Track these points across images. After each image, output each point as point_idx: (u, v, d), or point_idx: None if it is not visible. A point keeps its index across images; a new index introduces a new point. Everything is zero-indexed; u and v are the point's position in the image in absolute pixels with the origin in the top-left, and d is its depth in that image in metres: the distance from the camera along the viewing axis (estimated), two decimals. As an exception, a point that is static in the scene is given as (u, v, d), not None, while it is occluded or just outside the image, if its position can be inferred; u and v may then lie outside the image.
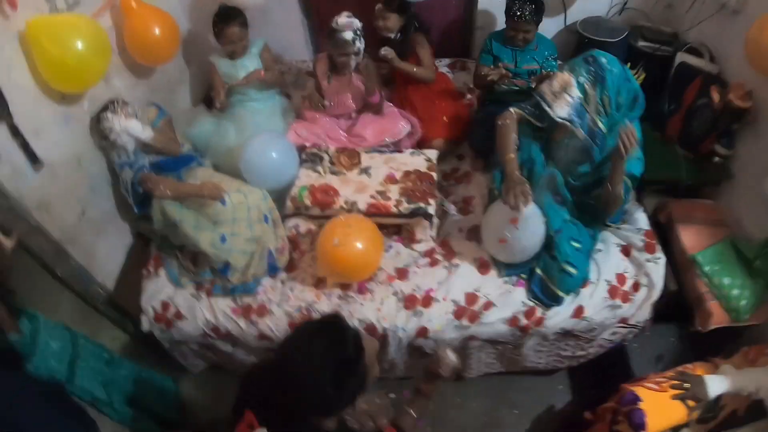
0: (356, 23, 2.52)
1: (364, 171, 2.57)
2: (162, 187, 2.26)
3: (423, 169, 2.55)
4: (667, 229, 2.54)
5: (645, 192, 2.62)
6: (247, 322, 2.32)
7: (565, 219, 2.21)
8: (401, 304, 2.28)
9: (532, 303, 2.26)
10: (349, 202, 2.43)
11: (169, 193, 2.27)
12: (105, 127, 2.24)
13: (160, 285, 2.43)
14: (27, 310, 1.95)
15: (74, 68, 2.03)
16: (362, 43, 2.58)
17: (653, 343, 2.42)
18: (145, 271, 2.47)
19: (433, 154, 2.64)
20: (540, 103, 2.11)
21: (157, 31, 2.44)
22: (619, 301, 2.26)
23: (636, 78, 2.68)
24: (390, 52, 2.64)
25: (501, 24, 2.76)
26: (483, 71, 2.66)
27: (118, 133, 2.23)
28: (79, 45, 2.00)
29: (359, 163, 2.58)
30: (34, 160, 1.98)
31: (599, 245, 2.38)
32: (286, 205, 2.49)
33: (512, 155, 2.14)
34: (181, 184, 2.35)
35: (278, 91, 2.96)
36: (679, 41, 2.73)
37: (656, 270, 2.29)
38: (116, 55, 2.43)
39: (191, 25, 3.03)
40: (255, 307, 2.33)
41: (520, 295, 2.28)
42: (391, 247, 2.46)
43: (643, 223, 2.45)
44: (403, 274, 2.36)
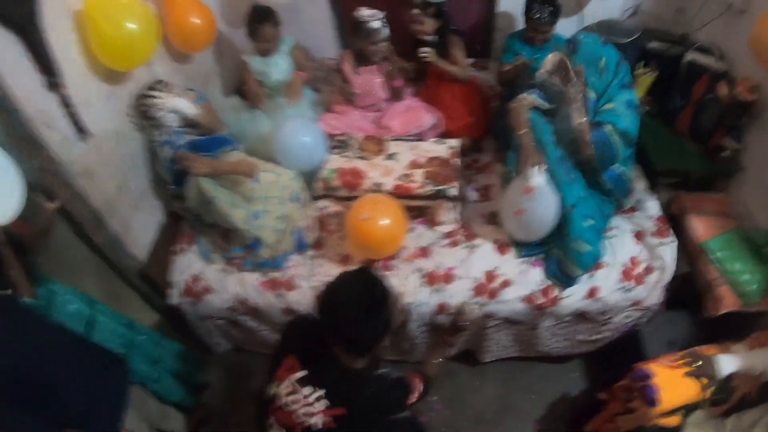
0: (379, 13, 2.68)
1: (390, 157, 2.70)
2: (199, 165, 2.36)
3: (446, 156, 2.68)
4: (679, 220, 2.62)
5: (658, 185, 2.72)
6: (275, 295, 2.43)
7: (580, 195, 2.32)
8: (423, 281, 2.38)
9: (548, 282, 2.36)
10: (376, 184, 2.55)
11: (206, 170, 2.37)
12: (152, 104, 2.34)
13: (191, 260, 2.54)
14: (48, 279, 2.01)
15: (125, 47, 2.14)
16: (388, 29, 2.73)
17: (665, 329, 2.49)
18: (176, 248, 2.59)
19: (455, 143, 2.77)
20: (543, 84, 2.35)
21: (196, 20, 2.60)
22: (632, 284, 2.36)
23: (648, 76, 2.85)
24: (431, 52, 2.76)
25: (519, 26, 2.93)
26: (505, 68, 2.82)
27: (165, 111, 2.35)
28: (131, 25, 2.12)
29: (385, 150, 2.71)
30: (81, 130, 2.09)
31: (614, 231, 2.48)
32: (316, 186, 2.62)
33: (526, 130, 2.30)
34: (218, 162, 2.46)
35: (309, 86, 3.11)
36: (689, 41, 2.86)
37: (668, 253, 2.39)
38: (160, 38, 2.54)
39: (225, 20, 3.17)
40: (283, 281, 2.44)
41: (537, 275, 2.38)
42: (415, 229, 2.57)
43: (655, 210, 2.56)
44: (425, 252, 2.47)
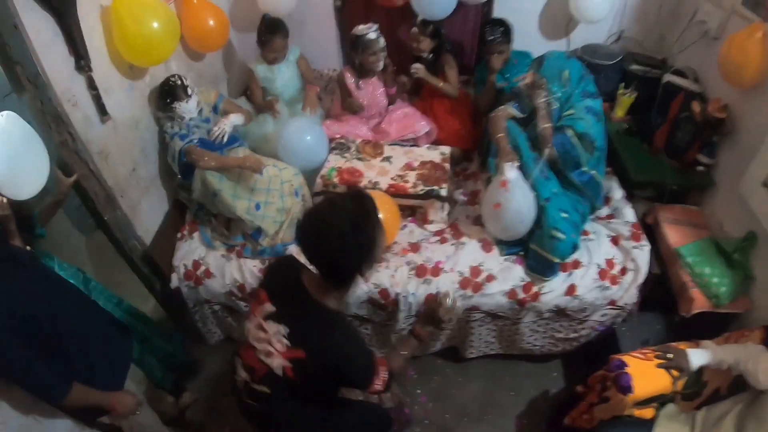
0: (373, 25, 2.91)
1: (386, 159, 2.89)
2: (207, 159, 2.53)
3: (438, 161, 2.87)
4: (654, 229, 2.80)
5: (635, 197, 2.91)
6: (272, 282, 2.56)
7: (553, 191, 2.52)
8: (413, 273, 2.53)
9: (529, 278, 2.51)
10: (372, 182, 2.73)
11: (213, 164, 2.54)
12: (180, 94, 2.52)
13: (193, 246, 2.69)
14: (46, 252, 2.14)
15: (147, 44, 2.29)
16: (383, 39, 2.95)
17: (640, 329, 2.61)
18: (179, 234, 2.73)
19: (446, 150, 2.96)
20: (518, 96, 2.69)
21: (211, 22, 2.81)
22: (608, 283, 2.51)
23: (628, 97, 3.07)
24: (420, 68, 3.00)
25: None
26: (480, 98, 3.17)
27: (187, 107, 2.55)
28: (154, 25, 2.26)
29: (382, 153, 2.90)
30: (103, 112, 2.25)
31: (591, 235, 2.65)
32: (316, 183, 2.79)
33: (503, 134, 2.57)
34: (225, 158, 2.63)
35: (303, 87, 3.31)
36: (668, 65, 3.09)
37: (641, 256, 2.55)
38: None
39: (234, 27, 3.36)
40: (281, 268, 2.58)
41: (519, 272, 2.54)
42: (406, 226, 2.74)
43: (630, 217, 2.74)
44: (415, 248, 2.62)
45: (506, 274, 2.53)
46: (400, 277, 2.52)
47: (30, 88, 1.85)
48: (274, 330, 1.53)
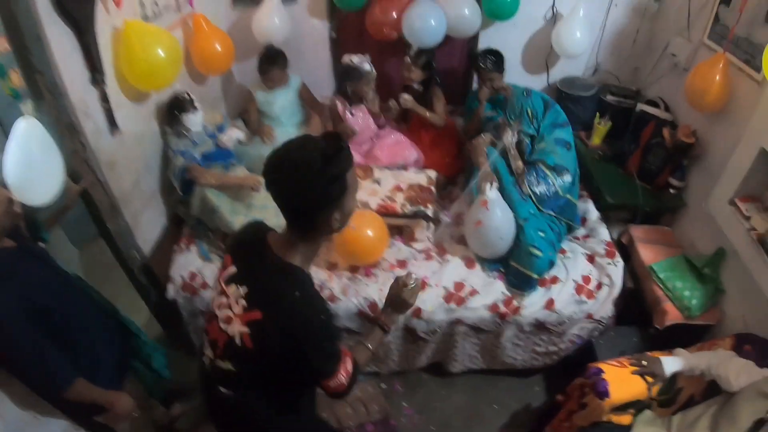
0: (366, 57, 3.13)
1: (376, 181, 3.04)
2: (207, 177, 2.68)
3: (424, 184, 3.03)
4: (629, 249, 2.96)
5: (610, 219, 3.07)
6: (265, 293, 2.68)
7: (531, 212, 2.72)
8: (398, 283, 2.65)
9: (510, 293, 2.65)
10: (362, 202, 2.87)
11: (214, 182, 2.69)
12: (187, 107, 2.67)
13: (190, 259, 2.80)
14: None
15: (151, 71, 2.41)
16: (374, 70, 3.17)
17: (617, 342, 2.73)
18: (176, 247, 2.85)
19: (433, 174, 3.13)
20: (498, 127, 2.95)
21: (218, 47, 3.00)
22: (584, 297, 2.65)
23: (604, 126, 3.27)
24: (409, 99, 3.19)
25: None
26: (468, 125, 3.38)
27: (194, 119, 2.71)
28: (160, 52, 2.39)
29: (372, 175, 3.06)
30: (113, 125, 2.38)
31: (568, 253, 2.81)
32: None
33: (483, 158, 2.80)
34: (225, 175, 2.78)
35: (304, 119, 3.50)
36: (641, 96, 3.30)
37: (616, 271, 2.71)
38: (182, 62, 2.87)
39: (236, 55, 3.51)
40: (273, 280, 2.70)
41: (501, 287, 2.68)
42: (394, 245, 2.87)
43: (605, 236, 2.91)
44: (402, 264, 2.76)
45: (488, 289, 2.67)
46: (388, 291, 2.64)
47: (48, 97, 1.96)
48: (233, 292, 1.41)
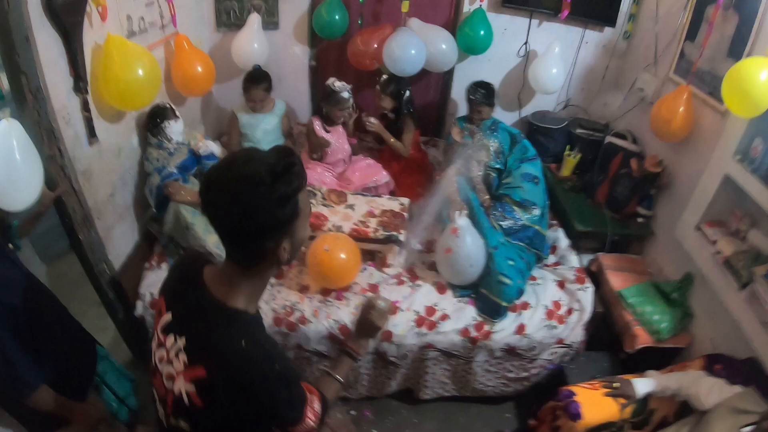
0: (348, 85, 3.21)
1: (350, 206, 3.07)
2: (183, 193, 2.69)
3: (397, 210, 3.06)
4: (598, 276, 3.00)
5: (580, 248, 3.12)
6: (235, 315, 2.65)
7: (501, 241, 2.77)
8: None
9: (480, 318, 2.66)
10: (336, 226, 2.89)
11: (189, 199, 2.69)
12: (169, 115, 2.71)
13: (161, 276, 2.73)
14: None
15: (129, 91, 2.38)
16: (352, 98, 3.27)
17: (588, 367, 2.73)
18: (147, 264, 2.82)
19: (405, 201, 3.17)
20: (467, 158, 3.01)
21: (199, 68, 3.04)
22: (555, 323, 2.68)
23: (573, 158, 3.36)
24: (375, 123, 3.28)
25: (465, 111, 3.44)
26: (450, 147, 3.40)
27: (176, 127, 2.75)
28: (139, 73, 2.39)
29: (346, 201, 3.09)
30: (92, 134, 2.37)
31: (539, 280, 2.85)
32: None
33: (454, 188, 2.87)
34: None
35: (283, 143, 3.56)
36: (610, 129, 3.41)
37: (586, 296, 2.75)
38: (162, 82, 2.90)
39: (217, 77, 3.53)
40: (243, 302, 2.68)
41: (472, 312, 2.69)
42: (366, 269, 2.88)
43: (575, 263, 2.96)
44: (374, 288, 2.76)
45: (459, 314, 2.68)
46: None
47: (30, 100, 1.94)
48: (172, 344, 1.19)
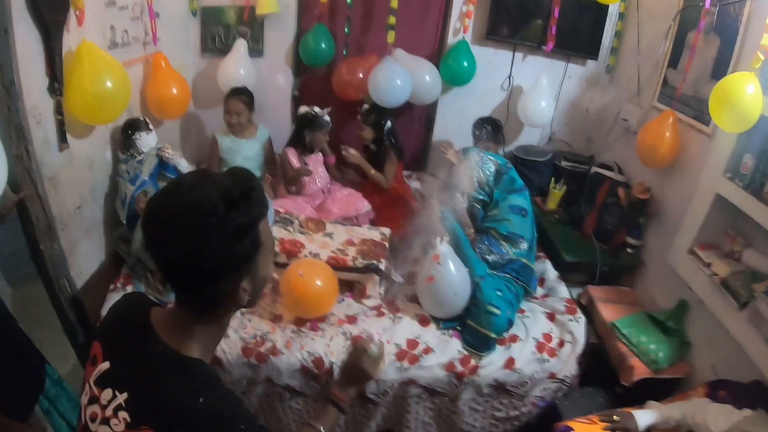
0: (326, 110, 3.19)
1: (328, 235, 2.93)
2: None
3: (377, 239, 2.93)
4: (589, 309, 2.85)
5: (569, 281, 2.99)
6: (202, 343, 2.46)
7: (487, 271, 2.63)
8: (348, 343, 2.46)
9: (467, 351, 2.48)
10: (313, 254, 2.73)
11: None
12: (142, 126, 2.63)
13: (125, 298, 2.58)
14: None
15: (96, 101, 2.23)
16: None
17: (583, 403, 2.52)
18: (112, 286, 2.63)
19: (386, 231, 3.03)
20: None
21: (174, 90, 2.95)
22: (546, 356, 2.51)
23: (559, 190, 3.28)
24: (354, 154, 3.22)
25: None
26: None
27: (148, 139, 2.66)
28: (108, 83, 2.24)
29: (324, 229, 2.95)
30: (63, 139, 2.24)
31: (527, 313, 2.70)
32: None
33: (436, 216, 2.73)
34: None
35: (262, 172, 3.48)
36: (594, 161, 3.36)
37: (578, 327, 2.59)
38: (137, 102, 2.86)
39: (194, 102, 3.50)
40: (212, 329, 2.49)
41: (457, 345, 2.52)
42: (344, 300, 2.71)
43: (564, 293, 2.82)
44: (352, 320, 2.58)
45: (444, 347, 2.50)
46: (336, 347, 2.45)
47: (2, 94, 1.85)
48: (108, 398, 0.97)
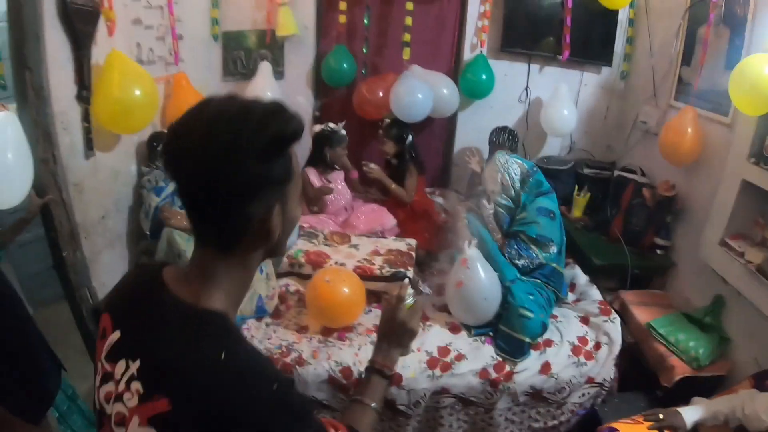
0: (340, 125, 3.21)
1: (353, 246, 2.91)
2: (179, 218, 2.55)
3: (404, 249, 2.90)
4: (623, 314, 2.76)
5: (599, 288, 2.90)
6: (227, 352, 2.41)
7: (517, 276, 2.59)
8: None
9: (500, 357, 2.41)
10: (339, 263, 2.71)
11: (185, 224, 2.51)
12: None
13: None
14: None
15: (124, 109, 2.29)
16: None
17: (623, 409, 2.42)
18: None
19: (413, 241, 3.01)
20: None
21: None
22: (583, 359, 2.43)
23: (583, 197, 3.26)
24: (375, 169, 3.23)
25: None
26: None
27: None
28: (137, 92, 2.30)
29: (349, 241, 2.94)
30: (89, 147, 2.29)
31: (560, 318, 2.63)
32: (282, 262, 2.76)
33: (461, 222, 2.75)
34: None
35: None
36: (616, 166, 3.34)
37: (614, 328, 2.52)
38: (159, 120, 2.89)
39: None
40: (237, 339, 2.45)
41: (490, 350, 2.45)
42: (371, 311, 2.67)
43: (597, 296, 2.76)
44: (380, 330, 2.53)
45: (476, 353, 2.43)
46: (364, 356, 2.39)
47: (31, 97, 1.90)
48: (121, 371, 0.82)
